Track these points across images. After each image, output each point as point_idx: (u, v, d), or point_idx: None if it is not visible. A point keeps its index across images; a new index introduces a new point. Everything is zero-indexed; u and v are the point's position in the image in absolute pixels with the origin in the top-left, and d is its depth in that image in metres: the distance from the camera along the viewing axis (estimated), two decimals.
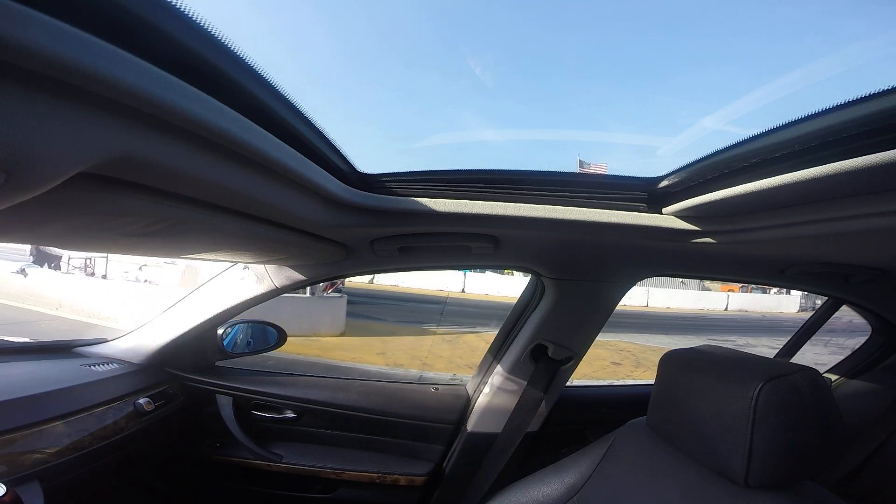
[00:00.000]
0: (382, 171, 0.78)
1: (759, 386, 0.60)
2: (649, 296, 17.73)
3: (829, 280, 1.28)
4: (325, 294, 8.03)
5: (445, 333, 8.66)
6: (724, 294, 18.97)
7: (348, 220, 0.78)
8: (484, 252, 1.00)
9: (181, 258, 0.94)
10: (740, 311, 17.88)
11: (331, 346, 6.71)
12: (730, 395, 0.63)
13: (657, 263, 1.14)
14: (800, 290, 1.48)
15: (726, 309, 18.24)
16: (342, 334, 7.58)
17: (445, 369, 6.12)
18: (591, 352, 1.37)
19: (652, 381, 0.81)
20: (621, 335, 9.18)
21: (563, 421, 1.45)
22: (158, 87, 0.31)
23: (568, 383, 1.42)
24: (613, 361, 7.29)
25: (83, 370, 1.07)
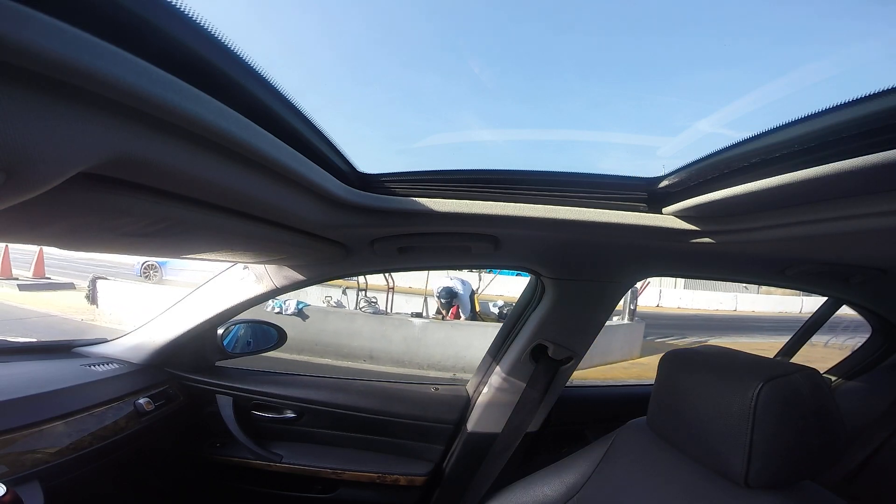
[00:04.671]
0: (382, 171, 0.78)
1: (759, 386, 0.60)
2: (737, 301, 18.90)
3: (829, 280, 1.28)
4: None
5: (673, 343, 8.81)
6: (799, 299, 19.91)
7: (348, 220, 0.78)
8: (484, 252, 1.00)
9: (181, 258, 0.94)
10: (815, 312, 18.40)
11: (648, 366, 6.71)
12: (730, 395, 0.63)
13: (657, 263, 1.14)
14: (800, 289, 1.48)
15: (801, 311, 19.07)
16: (640, 356, 7.48)
17: None
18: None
19: (652, 381, 0.81)
20: (746, 338, 9.39)
21: (563, 421, 1.45)
22: (158, 87, 0.31)
23: (568, 383, 1.42)
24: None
25: (83, 370, 1.07)
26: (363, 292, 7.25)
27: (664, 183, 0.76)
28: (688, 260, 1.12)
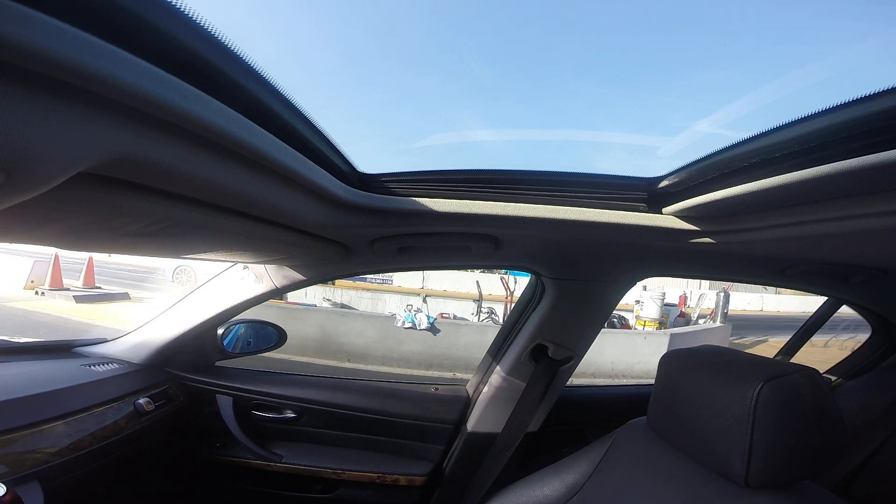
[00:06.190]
0: (382, 171, 0.78)
1: (759, 386, 0.60)
2: (763, 301, 18.66)
3: (829, 280, 1.28)
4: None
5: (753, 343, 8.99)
6: (822, 298, 19.35)
7: (348, 220, 0.78)
8: (484, 252, 1.00)
9: (181, 258, 0.94)
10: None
11: None
12: (730, 396, 0.63)
13: (657, 263, 1.14)
14: (800, 289, 1.48)
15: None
16: None
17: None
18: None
19: (652, 381, 0.81)
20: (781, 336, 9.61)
21: (563, 421, 1.45)
22: (158, 87, 0.31)
23: (568, 383, 1.42)
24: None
25: (83, 370, 1.07)
26: (478, 302, 7.15)
27: (664, 183, 0.76)
28: (688, 260, 1.12)
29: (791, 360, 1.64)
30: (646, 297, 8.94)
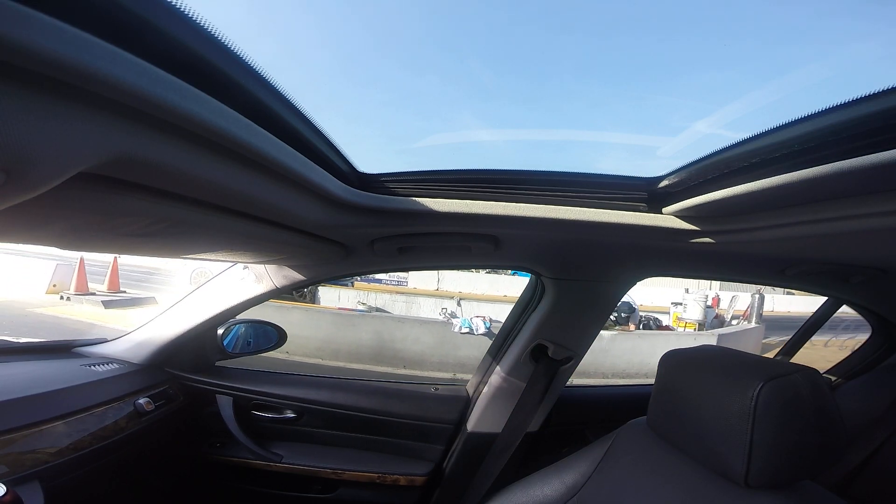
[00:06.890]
0: (382, 171, 0.78)
1: (759, 386, 0.60)
2: (774, 302, 18.38)
3: (829, 280, 1.28)
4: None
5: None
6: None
7: (348, 220, 0.78)
8: (484, 252, 1.00)
9: (181, 258, 0.94)
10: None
11: None
12: (730, 395, 0.63)
13: (657, 263, 1.14)
14: (800, 289, 1.48)
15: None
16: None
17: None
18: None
19: (652, 381, 0.81)
20: (825, 335, 9.71)
21: (563, 421, 1.45)
22: (158, 87, 0.31)
23: (568, 383, 1.42)
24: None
25: (83, 370, 1.07)
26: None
27: (664, 183, 0.76)
28: (688, 260, 1.12)
29: (791, 360, 1.65)
30: (689, 300, 9.03)
